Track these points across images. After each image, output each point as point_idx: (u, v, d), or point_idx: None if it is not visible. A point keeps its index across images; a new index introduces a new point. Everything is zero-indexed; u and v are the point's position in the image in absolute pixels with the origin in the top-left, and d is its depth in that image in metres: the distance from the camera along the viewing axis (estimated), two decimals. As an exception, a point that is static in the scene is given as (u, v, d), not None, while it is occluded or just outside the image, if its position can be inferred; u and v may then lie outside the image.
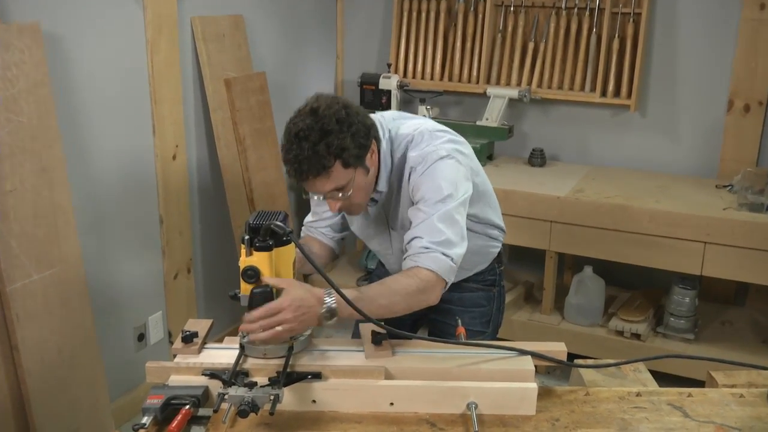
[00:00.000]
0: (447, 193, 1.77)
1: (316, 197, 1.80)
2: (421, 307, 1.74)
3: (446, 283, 1.75)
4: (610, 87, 3.65)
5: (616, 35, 3.61)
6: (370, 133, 1.77)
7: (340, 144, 1.67)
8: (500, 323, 2.20)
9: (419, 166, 1.81)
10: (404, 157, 1.86)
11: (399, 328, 1.64)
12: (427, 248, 1.72)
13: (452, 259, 1.73)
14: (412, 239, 1.76)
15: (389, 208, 1.95)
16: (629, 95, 3.61)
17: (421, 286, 1.69)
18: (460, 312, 1.98)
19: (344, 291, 1.58)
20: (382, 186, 1.89)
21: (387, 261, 2.12)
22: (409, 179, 1.84)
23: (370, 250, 2.27)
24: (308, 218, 2.14)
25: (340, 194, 1.75)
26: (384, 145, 1.86)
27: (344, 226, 2.12)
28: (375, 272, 2.32)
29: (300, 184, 1.76)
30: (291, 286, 1.55)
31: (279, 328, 1.51)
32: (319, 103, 1.71)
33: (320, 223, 2.10)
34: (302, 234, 2.15)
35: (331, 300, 1.58)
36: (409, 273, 1.72)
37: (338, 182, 1.72)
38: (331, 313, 1.57)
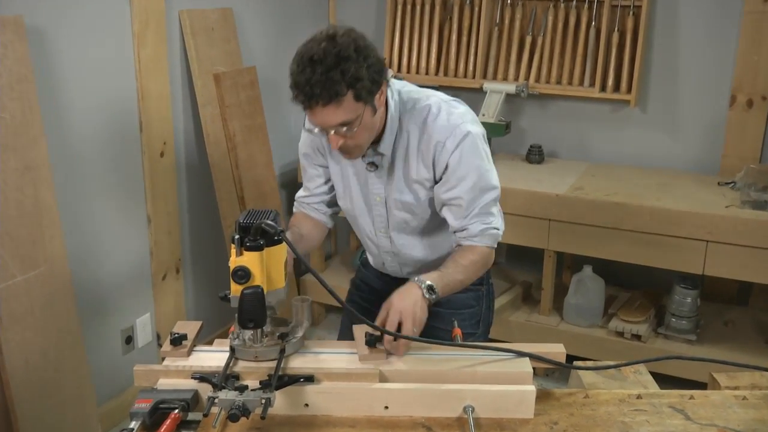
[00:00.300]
0: (486, 169, 1.85)
1: (316, 130, 1.75)
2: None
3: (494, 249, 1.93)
4: (610, 82, 3.65)
5: (616, 28, 3.62)
6: (383, 70, 1.73)
7: (356, 73, 1.64)
8: (491, 322, 2.19)
9: (448, 141, 1.81)
10: (424, 126, 1.84)
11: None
12: (483, 229, 1.86)
13: (499, 230, 1.90)
14: (469, 225, 1.86)
15: (392, 176, 1.91)
16: (629, 90, 3.62)
17: (485, 261, 1.90)
18: (450, 315, 1.95)
19: (429, 274, 1.78)
20: (385, 148, 1.86)
21: (377, 241, 2.06)
22: (434, 153, 1.83)
23: (363, 250, 2.22)
24: (300, 193, 2.12)
25: (345, 129, 1.71)
26: (392, 105, 1.84)
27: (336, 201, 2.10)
28: (359, 273, 2.29)
29: (306, 112, 1.71)
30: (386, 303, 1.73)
31: (410, 327, 1.66)
32: (336, 30, 1.66)
33: (312, 198, 2.08)
34: (294, 209, 2.13)
35: (422, 279, 1.74)
36: (473, 250, 1.87)
37: (347, 115, 1.68)
38: (431, 288, 1.73)
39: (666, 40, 3.65)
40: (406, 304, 1.69)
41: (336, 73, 1.61)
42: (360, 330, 1.67)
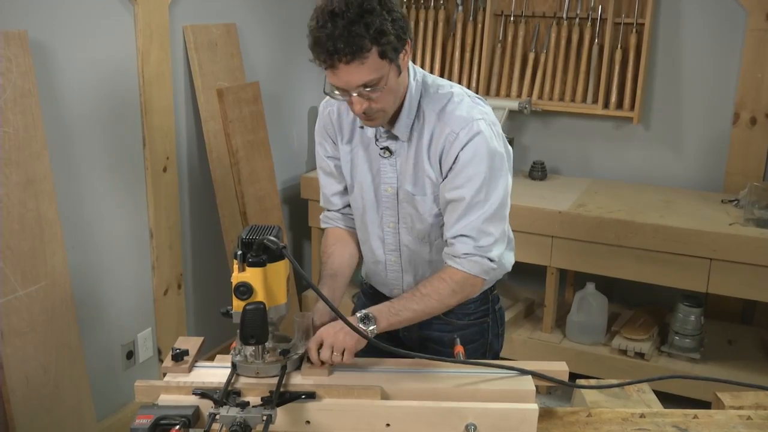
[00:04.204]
0: (498, 175, 1.72)
1: (337, 93, 1.65)
2: (460, 302, 1.79)
3: (484, 280, 1.78)
4: (613, 98, 3.66)
5: (619, 46, 3.63)
6: (407, 26, 1.63)
7: (381, 27, 1.53)
8: (500, 348, 2.09)
9: (462, 133, 1.69)
10: (441, 113, 1.73)
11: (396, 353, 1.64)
12: (467, 254, 1.72)
13: (493, 260, 1.74)
14: (458, 236, 1.72)
15: (406, 165, 1.80)
16: (632, 107, 3.63)
17: (456, 288, 1.74)
18: (452, 353, 1.84)
19: (378, 306, 1.71)
20: (400, 132, 1.76)
21: (383, 237, 1.93)
22: (443, 145, 1.72)
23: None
24: (322, 203, 2.03)
25: (369, 90, 1.61)
26: (413, 86, 1.74)
27: None
28: (359, 302, 2.20)
29: (327, 72, 1.61)
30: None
31: (333, 353, 1.59)
32: None
33: (334, 207, 1.99)
34: (323, 224, 2.04)
35: (364, 311, 1.68)
36: (443, 276, 1.74)
37: (372, 74, 1.58)
38: (368, 318, 1.66)
39: (669, 57, 3.66)
40: (330, 330, 1.63)
41: (359, 26, 1.52)
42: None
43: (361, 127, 1.84)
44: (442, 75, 4.02)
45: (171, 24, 3.05)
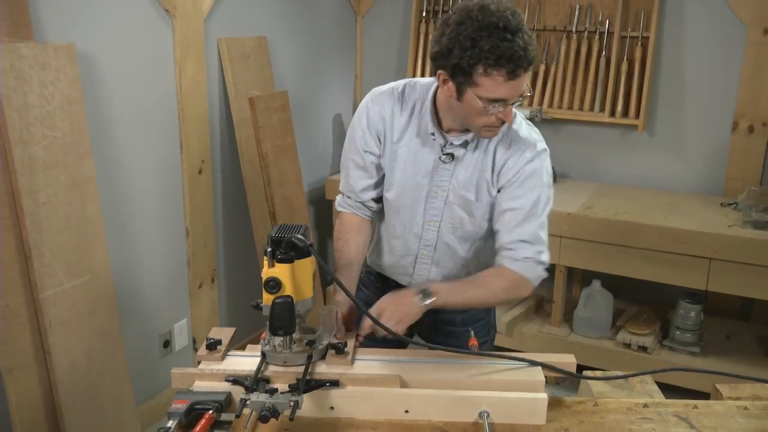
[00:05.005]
0: (548, 195, 1.77)
1: (490, 108, 1.60)
2: (508, 303, 1.80)
3: (533, 287, 1.80)
4: (619, 107, 3.64)
5: (625, 58, 3.61)
6: None
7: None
8: (496, 325, 2.16)
9: (528, 151, 1.74)
10: (508, 130, 1.76)
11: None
12: (527, 258, 1.74)
13: (544, 264, 1.78)
14: (519, 241, 1.74)
15: (465, 170, 1.79)
16: (637, 115, 3.61)
17: (510, 287, 1.76)
18: (464, 332, 1.86)
19: (437, 284, 1.73)
20: (472, 137, 1.76)
21: (421, 233, 1.88)
22: (510, 157, 1.74)
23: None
24: (344, 192, 1.94)
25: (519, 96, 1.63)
26: None
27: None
28: (359, 293, 2.06)
29: (500, 85, 1.56)
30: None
31: (390, 322, 1.63)
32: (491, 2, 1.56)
33: (359, 198, 1.91)
34: (339, 207, 1.96)
35: (423, 286, 1.69)
36: (502, 272, 1.76)
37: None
38: (426, 292, 1.67)
39: (672, 68, 3.64)
40: (389, 301, 1.67)
41: (527, 34, 1.55)
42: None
43: (432, 133, 1.78)
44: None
45: (206, 37, 3.07)
